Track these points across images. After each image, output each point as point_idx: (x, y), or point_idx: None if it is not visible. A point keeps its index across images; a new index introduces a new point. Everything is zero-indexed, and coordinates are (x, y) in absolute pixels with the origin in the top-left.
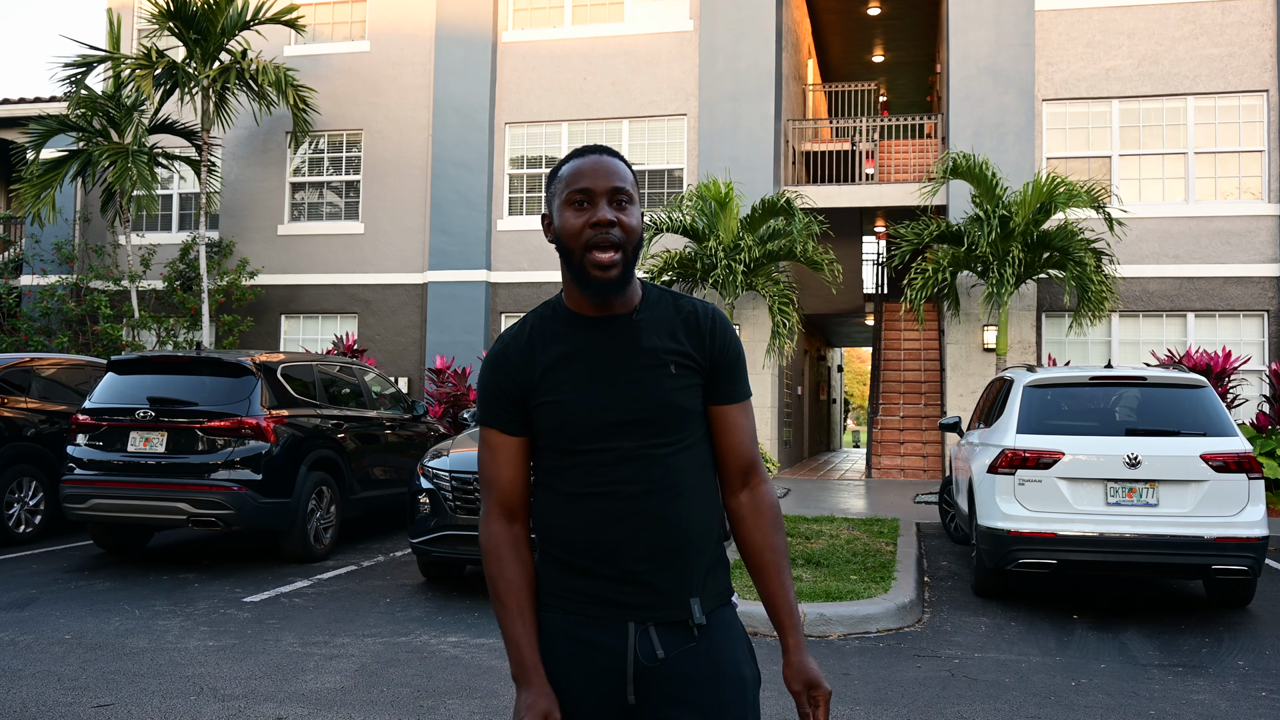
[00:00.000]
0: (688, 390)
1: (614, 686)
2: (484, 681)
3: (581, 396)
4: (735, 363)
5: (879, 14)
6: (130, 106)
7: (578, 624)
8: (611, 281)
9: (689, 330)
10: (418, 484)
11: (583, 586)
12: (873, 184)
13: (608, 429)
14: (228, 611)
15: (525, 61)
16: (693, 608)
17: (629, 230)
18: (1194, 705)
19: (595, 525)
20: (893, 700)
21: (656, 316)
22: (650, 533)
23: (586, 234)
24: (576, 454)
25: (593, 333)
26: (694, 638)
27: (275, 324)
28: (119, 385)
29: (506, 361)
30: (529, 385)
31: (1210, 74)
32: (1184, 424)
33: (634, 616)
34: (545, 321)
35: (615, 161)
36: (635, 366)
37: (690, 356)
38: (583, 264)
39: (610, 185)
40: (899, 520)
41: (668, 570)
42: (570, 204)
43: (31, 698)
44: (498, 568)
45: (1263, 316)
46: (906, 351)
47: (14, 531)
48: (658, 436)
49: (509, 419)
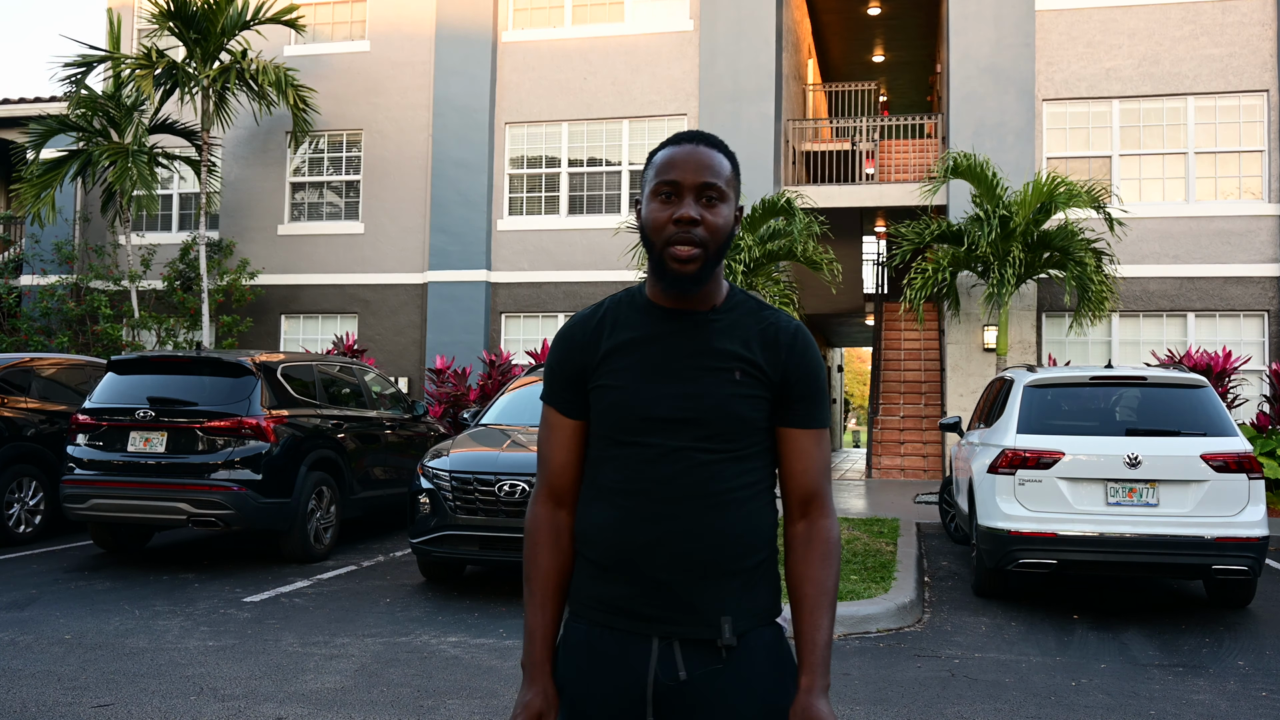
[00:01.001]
0: (749, 400)
1: (634, 706)
2: (484, 681)
3: (635, 385)
4: (810, 386)
5: (879, 14)
6: (130, 106)
7: (602, 637)
8: (688, 276)
9: (765, 342)
10: (418, 484)
11: (609, 595)
12: (873, 184)
13: (655, 423)
14: (228, 611)
15: (525, 61)
16: (722, 627)
17: (714, 229)
18: (1194, 705)
19: (623, 524)
20: (893, 700)
21: (734, 320)
22: (680, 540)
23: (669, 230)
24: (620, 445)
25: (664, 324)
26: (721, 660)
27: (275, 324)
28: (119, 385)
29: (571, 341)
30: (589, 367)
31: (1210, 74)
32: (1184, 424)
33: (659, 631)
34: (620, 306)
35: (711, 153)
36: (698, 365)
37: (759, 368)
38: (662, 256)
39: (700, 180)
40: (899, 520)
41: (697, 583)
42: (657, 195)
43: (31, 698)
44: (532, 552)
45: (1263, 316)
46: (906, 351)
47: (14, 531)
48: (708, 441)
49: (567, 399)
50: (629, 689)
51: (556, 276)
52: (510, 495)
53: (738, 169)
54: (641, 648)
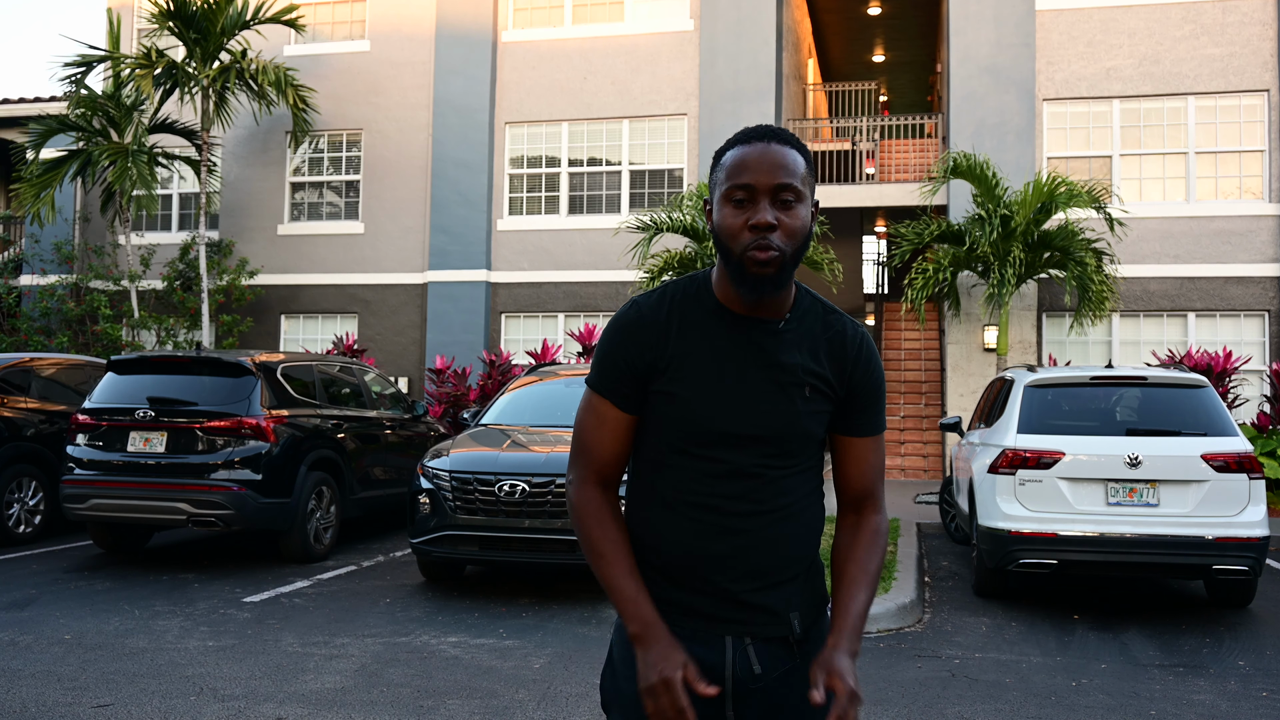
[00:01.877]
0: (817, 416)
1: (712, 703)
2: (484, 681)
3: (705, 397)
4: (874, 395)
5: (879, 14)
6: (130, 106)
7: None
8: (769, 278)
9: (832, 352)
10: (418, 484)
11: (676, 598)
12: (873, 184)
13: (724, 439)
14: (228, 611)
15: (525, 61)
16: (793, 622)
17: (792, 234)
18: (1194, 705)
19: (693, 537)
20: (893, 700)
21: (804, 329)
22: (752, 554)
23: (745, 237)
24: (685, 455)
25: (735, 333)
26: (794, 655)
27: (275, 324)
28: (119, 385)
29: (641, 332)
30: (656, 365)
31: (1211, 74)
32: (1185, 424)
33: (732, 631)
34: (689, 302)
35: (785, 151)
36: (770, 380)
37: (827, 381)
38: (741, 261)
39: (775, 182)
40: (899, 520)
41: (767, 591)
42: (730, 199)
43: (31, 698)
44: (600, 528)
45: (1263, 316)
46: (907, 351)
47: (14, 531)
48: (776, 457)
49: (626, 393)
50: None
51: (556, 276)
52: (510, 495)
53: (812, 163)
54: (715, 646)
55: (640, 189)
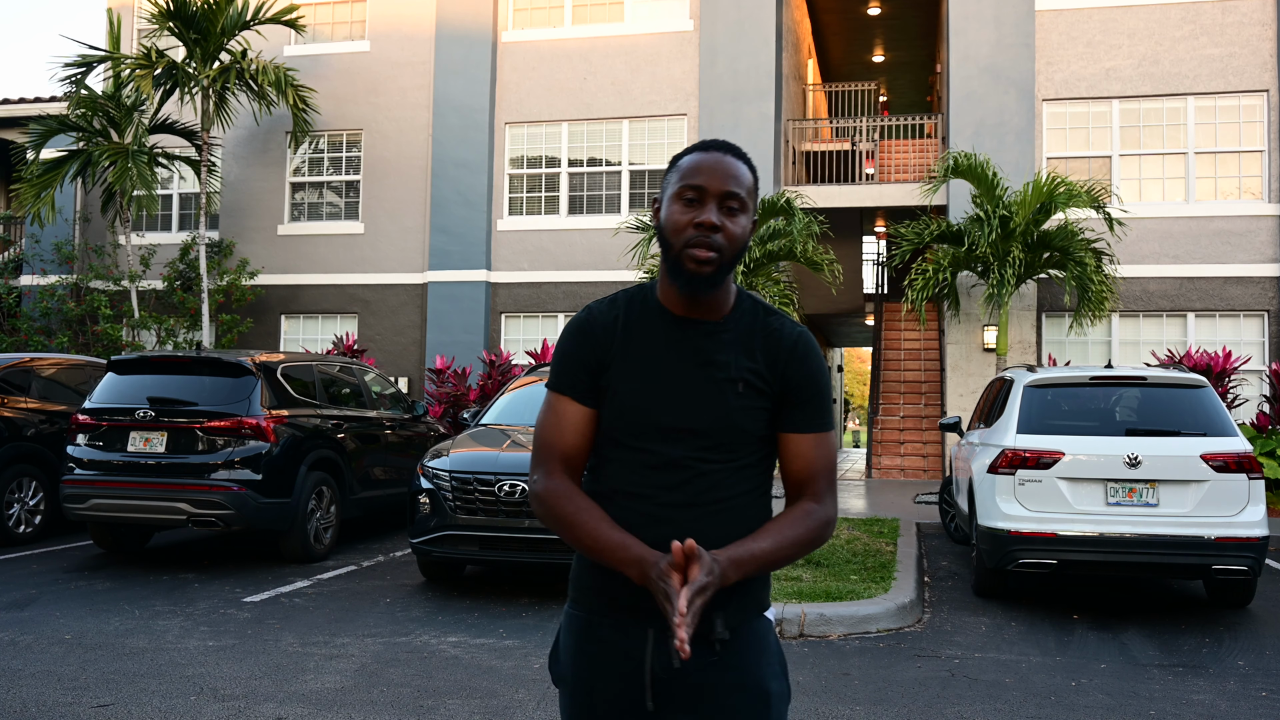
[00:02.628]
0: (751, 412)
1: (633, 690)
2: (484, 681)
3: (641, 392)
4: (811, 389)
5: (879, 14)
6: (130, 106)
7: (604, 626)
8: (704, 278)
9: (767, 347)
10: (418, 484)
11: (608, 588)
12: (873, 184)
13: (657, 430)
14: (228, 611)
15: (525, 61)
16: (715, 623)
17: (732, 238)
18: (1194, 705)
19: (625, 525)
20: (893, 700)
21: (740, 330)
22: None
23: (689, 233)
24: (621, 447)
25: (673, 332)
26: (715, 652)
27: (275, 324)
28: (119, 385)
29: (593, 329)
30: (604, 362)
31: (1210, 74)
32: (1184, 424)
33: (655, 624)
34: (634, 305)
35: (737, 163)
36: (703, 377)
37: (761, 377)
38: (679, 257)
39: (724, 188)
40: (899, 520)
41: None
42: (680, 197)
43: (31, 698)
44: (572, 502)
45: (1263, 316)
46: (906, 351)
47: (14, 531)
48: (709, 451)
49: (585, 387)
50: (628, 674)
51: (556, 276)
52: (510, 495)
53: (758, 181)
54: (638, 637)
55: (640, 189)
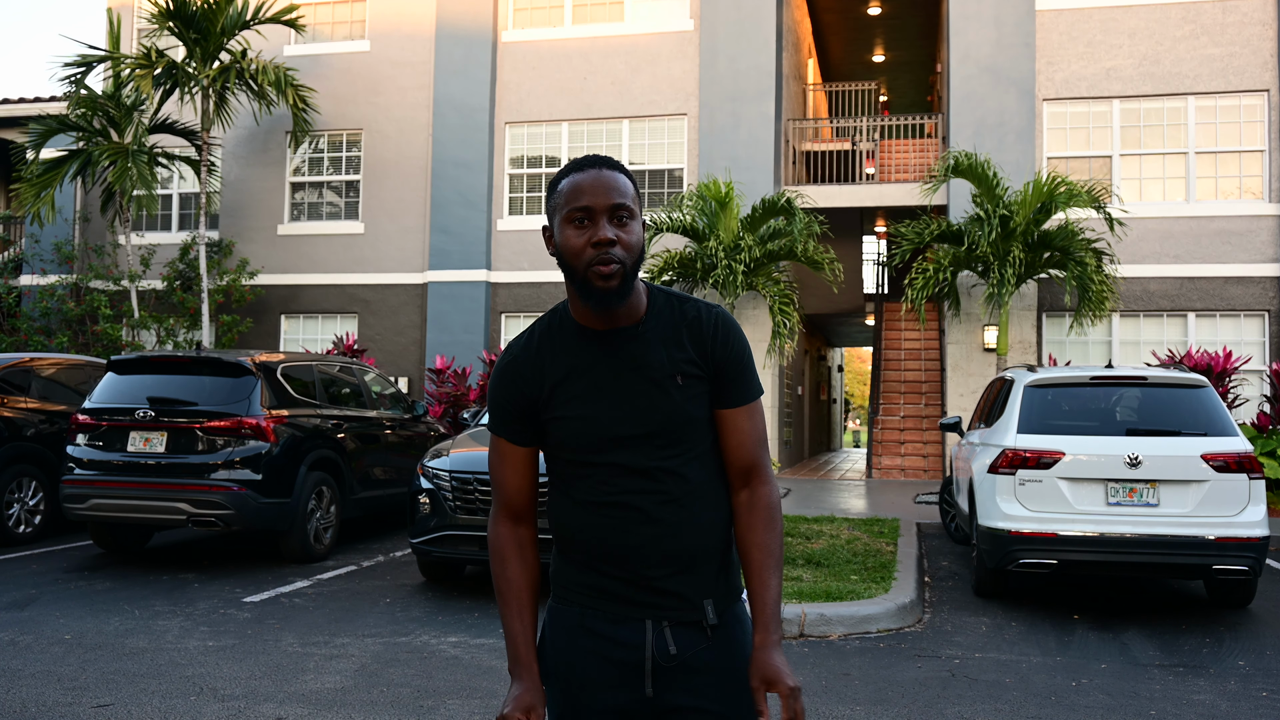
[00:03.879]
0: (696, 399)
1: (633, 679)
2: (484, 681)
3: (591, 412)
4: (739, 365)
5: (879, 14)
6: (130, 106)
7: (596, 619)
8: (613, 291)
9: (692, 335)
10: (418, 484)
11: (600, 585)
12: (873, 184)
13: (619, 442)
14: (228, 611)
15: (525, 61)
16: (706, 609)
17: (629, 247)
18: (1194, 705)
19: (611, 533)
20: (893, 700)
21: (661, 325)
22: (665, 541)
23: (588, 253)
24: (589, 465)
25: (599, 347)
26: (708, 638)
27: (275, 324)
28: (119, 385)
29: (516, 375)
30: (538, 400)
31: (1211, 74)
32: (1185, 424)
33: (651, 615)
34: (552, 333)
35: (615, 175)
36: (643, 380)
37: (695, 363)
38: (586, 278)
39: (610, 202)
40: (899, 520)
41: (682, 576)
42: (570, 221)
43: (31, 698)
44: (501, 567)
45: (1263, 316)
46: (907, 351)
47: (14, 531)
48: (669, 447)
49: (517, 431)
50: (627, 664)
51: (556, 276)
52: None
53: (638, 186)
54: (634, 627)
55: (640, 189)
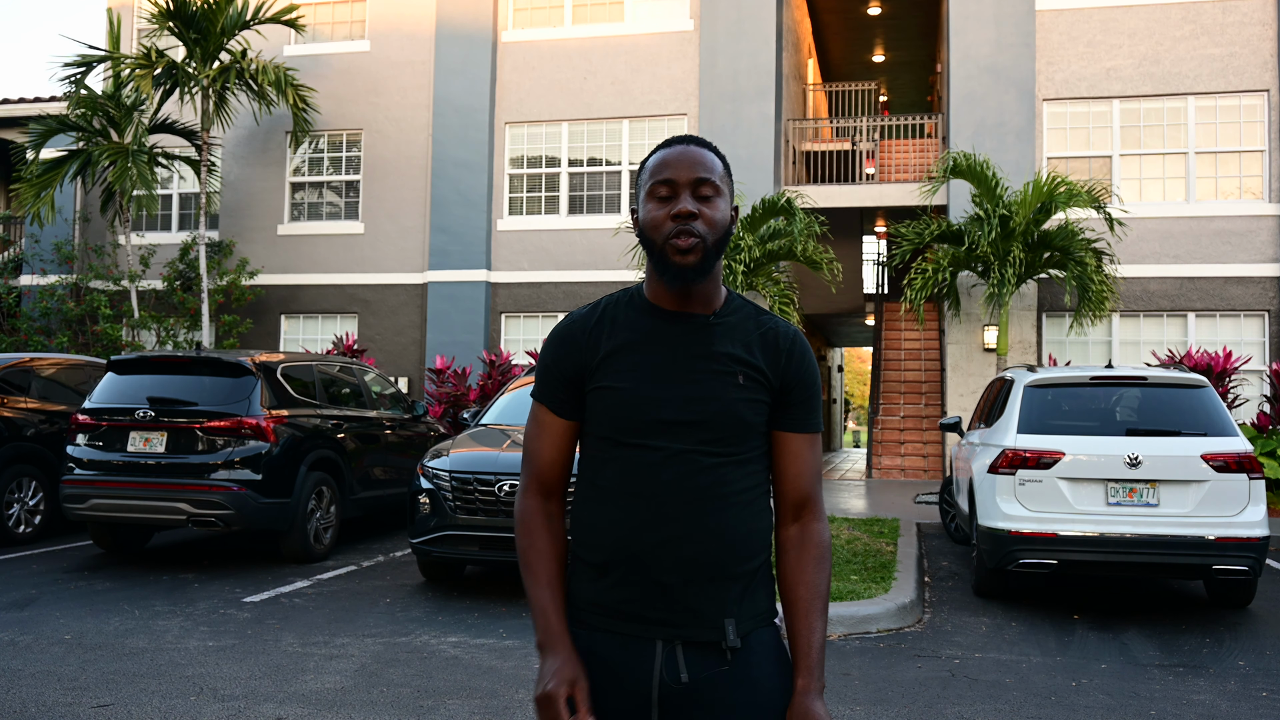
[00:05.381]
0: (752, 404)
1: (639, 709)
2: (484, 681)
3: (638, 386)
4: (808, 391)
5: (879, 14)
6: (130, 106)
7: (604, 642)
8: (690, 267)
9: (765, 346)
10: (418, 484)
11: (609, 599)
12: (873, 184)
13: (659, 425)
14: (228, 611)
15: (525, 61)
16: (726, 628)
17: (711, 223)
18: (1194, 705)
19: (628, 528)
20: (893, 700)
21: (734, 324)
22: (686, 543)
23: (668, 226)
24: (622, 447)
25: (666, 325)
26: (726, 661)
27: (275, 324)
28: (119, 385)
29: (570, 340)
30: (588, 367)
31: (1211, 74)
32: (1185, 424)
33: (662, 634)
34: (619, 307)
35: (703, 151)
36: (701, 368)
37: (761, 372)
38: (663, 251)
39: (694, 176)
40: (899, 520)
41: (701, 586)
42: (654, 196)
43: (31, 698)
44: (529, 538)
45: (1263, 316)
46: (907, 351)
47: (14, 531)
48: (712, 444)
49: (562, 399)
50: (633, 691)
51: (556, 276)
52: (510, 495)
53: (729, 169)
54: (645, 650)
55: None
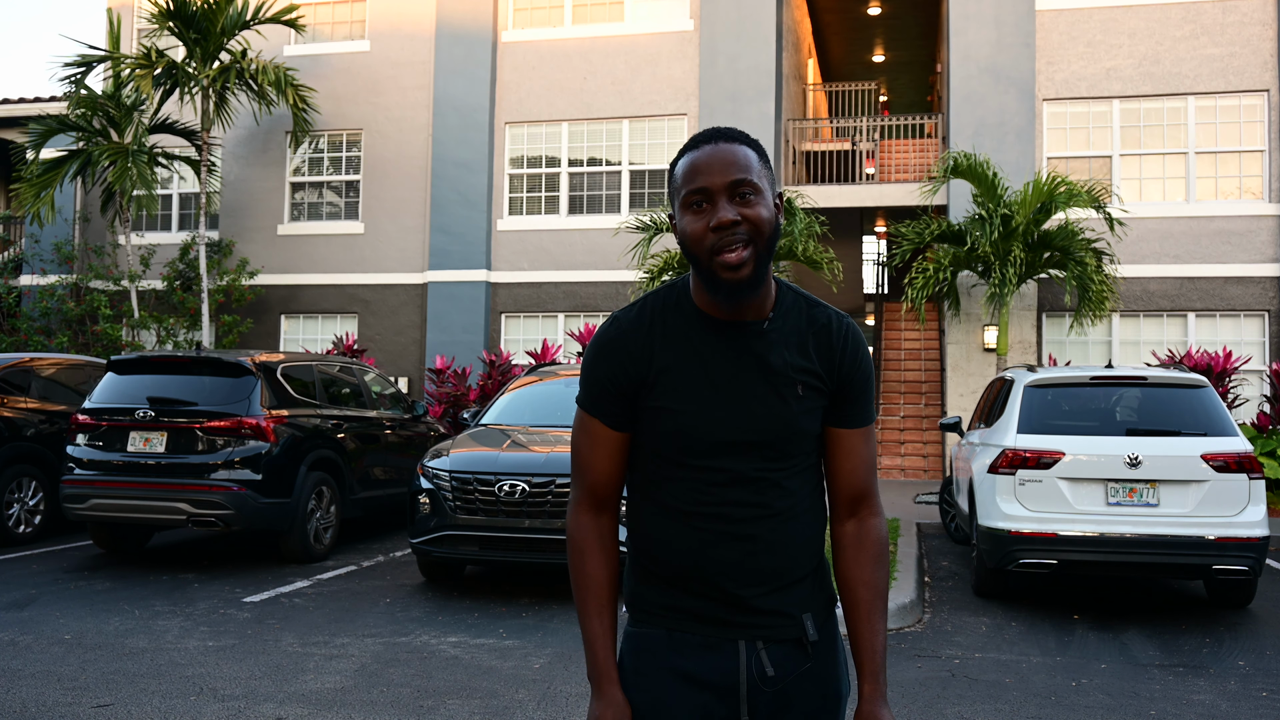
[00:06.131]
0: (812, 414)
1: (727, 706)
2: (484, 681)
3: (700, 408)
4: (864, 385)
5: (879, 14)
6: (130, 106)
7: (684, 643)
8: (744, 281)
9: (820, 345)
10: (418, 484)
11: (685, 605)
12: (873, 184)
13: (724, 447)
14: (228, 611)
15: (525, 61)
16: (806, 625)
17: (757, 224)
18: (1194, 705)
19: (702, 546)
20: (893, 700)
21: (788, 327)
22: (761, 558)
23: (710, 239)
24: (686, 468)
25: (720, 340)
26: (809, 656)
27: (275, 324)
28: (119, 385)
29: (621, 350)
30: (642, 382)
31: (1211, 74)
32: (1185, 424)
33: (744, 635)
34: (669, 313)
35: (734, 148)
36: (762, 385)
37: (819, 376)
38: (711, 268)
39: (729, 179)
40: (899, 520)
41: (778, 594)
42: (689, 206)
43: (31, 698)
44: (580, 560)
45: (1263, 316)
46: (907, 351)
47: (14, 531)
48: (776, 460)
49: (615, 413)
50: (718, 689)
51: (556, 276)
52: (510, 495)
53: (766, 156)
54: (729, 649)
55: (640, 189)
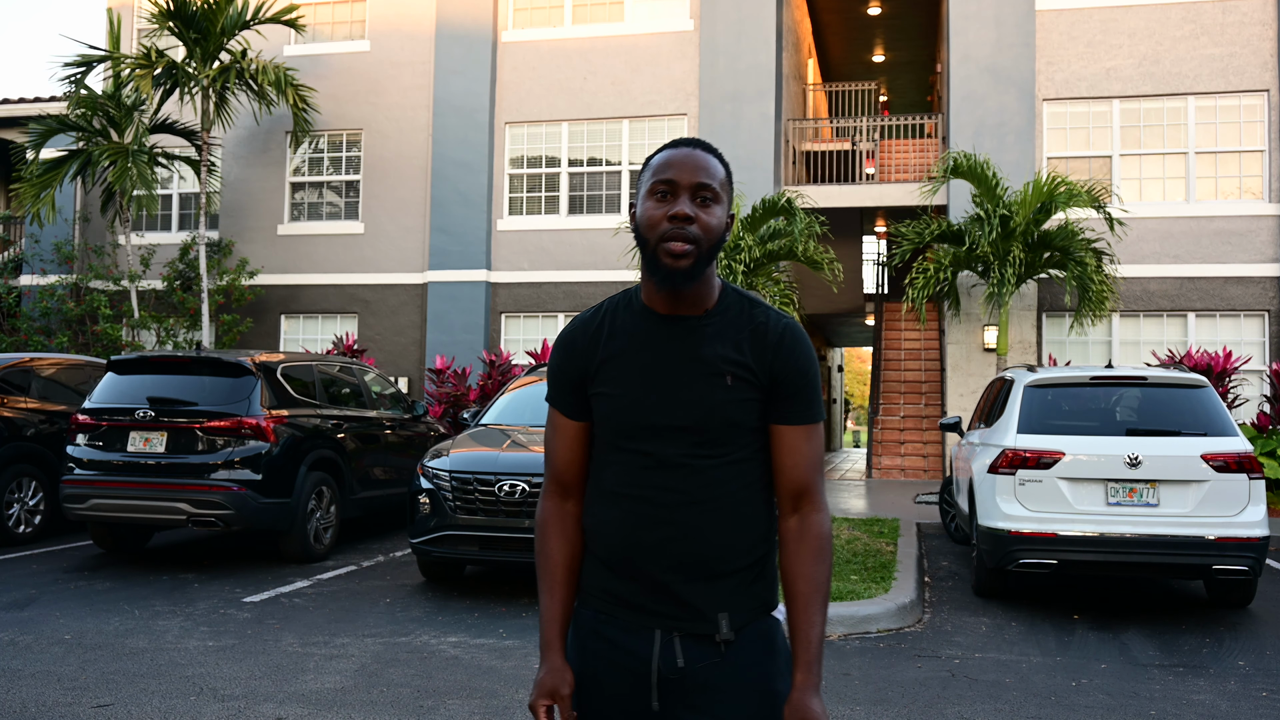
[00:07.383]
0: (742, 404)
1: (640, 690)
2: (484, 681)
3: (630, 392)
4: (800, 382)
5: (879, 14)
6: (130, 106)
7: (608, 624)
8: (681, 271)
9: (755, 341)
10: (418, 484)
11: (616, 588)
12: (873, 184)
13: (651, 431)
14: (228, 611)
15: (525, 61)
16: (720, 623)
17: (707, 228)
18: (1194, 705)
19: (628, 528)
20: (893, 700)
21: (726, 323)
22: (680, 544)
23: (663, 226)
24: (619, 450)
25: (658, 330)
26: (720, 653)
27: (275, 324)
28: (119, 385)
29: (572, 346)
30: (588, 373)
31: (1211, 74)
32: (1185, 424)
33: (661, 625)
34: (618, 311)
35: (707, 156)
36: (691, 372)
37: (749, 369)
38: (655, 252)
39: (695, 180)
40: (899, 520)
41: (696, 584)
42: (653, 194)
43: (31, 698)
44: (543, 543)
45: (1263, 316)
46: (907, 351)
47: (14, 531)
48: (703, 447)
49: (569, 403)
50: (634, 673)
51: (556, 276)
52: (510, 495)
53: (731, 177)
54: (645, 637)
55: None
